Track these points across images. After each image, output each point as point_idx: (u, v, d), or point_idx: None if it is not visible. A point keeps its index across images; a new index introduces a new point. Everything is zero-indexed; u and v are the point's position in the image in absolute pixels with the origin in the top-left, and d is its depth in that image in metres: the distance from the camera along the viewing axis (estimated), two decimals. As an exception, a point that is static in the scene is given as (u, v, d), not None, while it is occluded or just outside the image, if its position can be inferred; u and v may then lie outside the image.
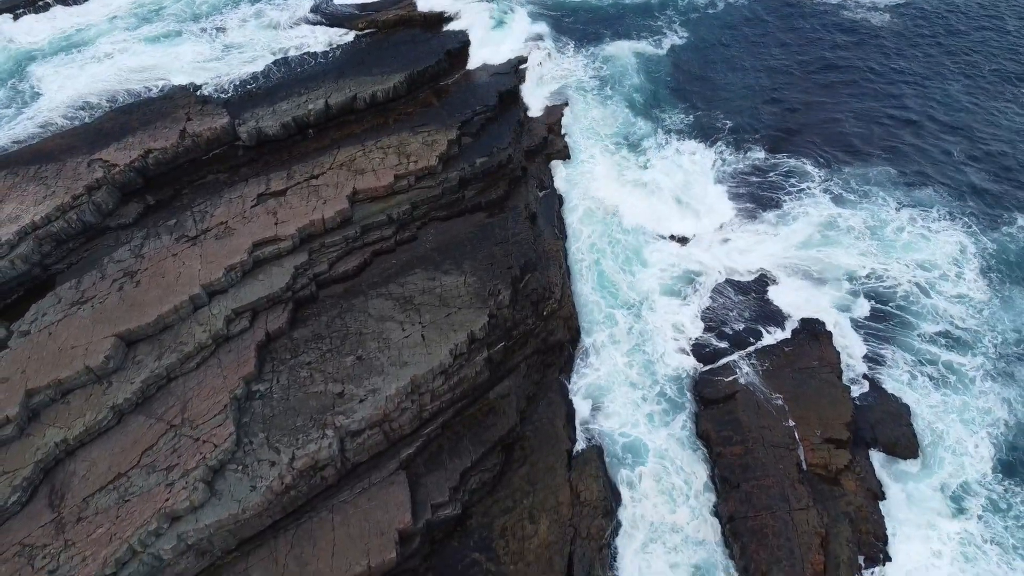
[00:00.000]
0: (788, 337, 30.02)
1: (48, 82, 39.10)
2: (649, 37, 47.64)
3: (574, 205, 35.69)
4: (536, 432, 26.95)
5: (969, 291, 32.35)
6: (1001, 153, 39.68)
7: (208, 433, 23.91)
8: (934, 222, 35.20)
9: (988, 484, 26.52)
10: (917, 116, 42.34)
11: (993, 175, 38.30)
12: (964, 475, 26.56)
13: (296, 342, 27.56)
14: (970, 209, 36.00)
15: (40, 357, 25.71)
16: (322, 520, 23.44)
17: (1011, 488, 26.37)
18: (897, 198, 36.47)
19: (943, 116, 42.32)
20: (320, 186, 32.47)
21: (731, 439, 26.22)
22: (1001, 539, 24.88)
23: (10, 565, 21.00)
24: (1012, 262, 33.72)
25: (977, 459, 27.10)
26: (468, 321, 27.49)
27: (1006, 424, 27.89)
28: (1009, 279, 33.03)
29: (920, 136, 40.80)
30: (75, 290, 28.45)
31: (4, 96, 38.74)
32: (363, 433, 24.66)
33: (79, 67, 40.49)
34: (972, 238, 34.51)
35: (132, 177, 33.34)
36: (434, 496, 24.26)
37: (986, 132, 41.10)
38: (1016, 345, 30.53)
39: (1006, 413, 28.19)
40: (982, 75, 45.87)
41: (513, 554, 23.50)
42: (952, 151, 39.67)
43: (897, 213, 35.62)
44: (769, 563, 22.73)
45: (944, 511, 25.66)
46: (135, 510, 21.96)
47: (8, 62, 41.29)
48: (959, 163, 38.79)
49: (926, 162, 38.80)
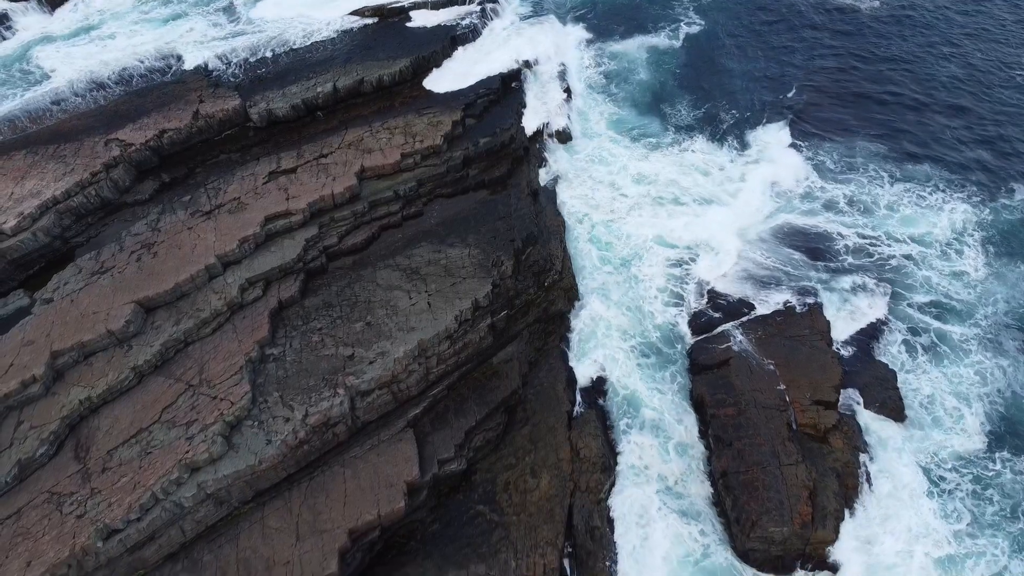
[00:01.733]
0: (780, 308, 31.12)
1: (60, 61, 40.31)
2: (660, 28, 48.69)
3: (574, 184, 36.82)
4: (538, 395, 28.11)
5: (963, 263, 33.58)
6: (995, 133, 41.02)
7: (225, 392, 25.08)
8: (929, 194, 36.45)
9: (973, 451, 27.59)
10: (915, 97, 43.62)
11: (987, 153, 39.64)
12: (950, 442, 27.65)
13: (307, 310, 28.73)
14: (964, 184, 37.34)
15: (63, 322, 26.89)
16: (334, 474, 24.61)
17: (995, 456, 27.42)
18: (890, 172, 37.69)
19: (941, 97, 43.68)
20: (329, 164, 33.64)
21: (724, 401, 27.36)
22: (979, 507, 25.92)
23: (40, 511, 22.19)
24: (1006, 236, 34.94)
25: (964, 426, 28.19)
26: (472, 290, 28.66)
27: (996, 393, 28.97)
28: (1003, 252, 34.19)
29: (918, 115, 42.15)
30: (95, 261, 29.62)
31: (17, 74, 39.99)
32: (372, 393, 25.83)
33: (95, 45, 41.76)
34: (966, 212, 35.74)
35: (147, 156, 34.52)
36: (440, 452, 25.43)
37: (982, 113, 42.40)
38: (1008, 316, 31.66)
39: (996, 382, 29.29)
40: (977, 58, 47.14)
41: (516, 506, 24.66)
42: (947, 130, 40.97)
43: (891, 187, 36.81)
44: (759, 513, 23.87)
45: (927, 475, 26.75)
46: (157, 461, 23.13)
47: (21, 48, 42.56)
48: (954, 141, 40.09)
49: (921, 139, 40.09)
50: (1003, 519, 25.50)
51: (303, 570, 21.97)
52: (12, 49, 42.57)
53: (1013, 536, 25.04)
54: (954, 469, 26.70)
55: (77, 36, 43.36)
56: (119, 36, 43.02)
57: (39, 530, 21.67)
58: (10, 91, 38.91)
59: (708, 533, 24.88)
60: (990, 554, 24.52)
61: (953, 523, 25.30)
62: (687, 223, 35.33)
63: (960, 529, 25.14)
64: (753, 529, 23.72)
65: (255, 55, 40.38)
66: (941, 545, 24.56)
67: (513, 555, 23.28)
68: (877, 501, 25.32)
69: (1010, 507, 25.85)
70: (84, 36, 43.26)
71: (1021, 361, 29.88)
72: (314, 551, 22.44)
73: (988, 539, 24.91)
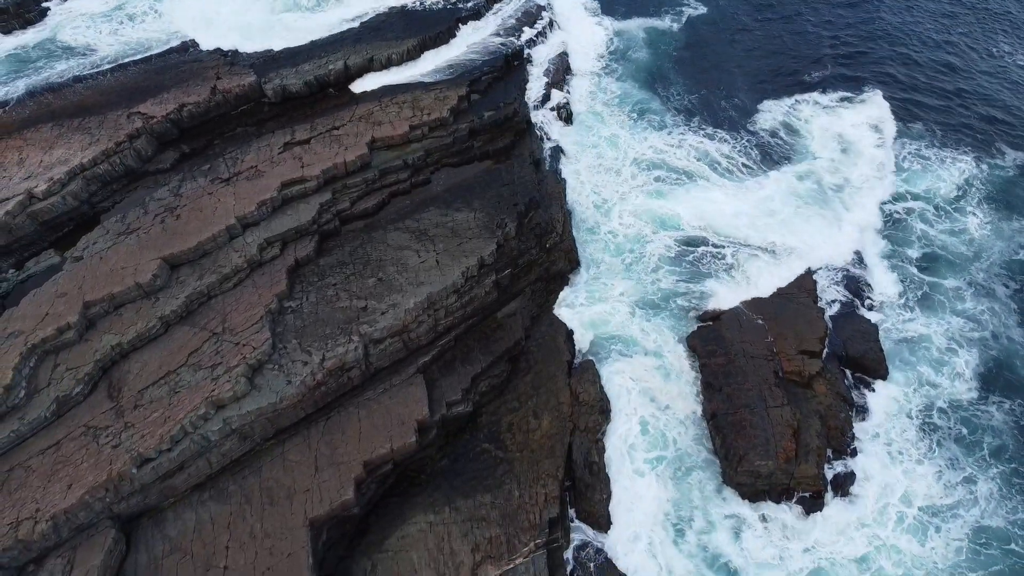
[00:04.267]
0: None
1: (92, 38, 42.25)
2: (664, 12, 50.54)
3: (574, 155, 38.61)
4: (540, 347, 29.81)
5: (960, 219, 35.42)
6: (991, 95, 43.19)
7: (247, 339, 26.79)
8: (926, 149, 38.37)
9: (958, 397, 29.28)
10: (912, 67, 45.83)
11: (983, 113, 41.77)
12: (937, 390, 29.39)
13: (322, 267, 30.45)
14: (962, 143, 39.35)
15: (94, 276, 28.61)
16: (349, 414, 26.32)
17: (987, 398, 29.17)
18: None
19: (936, 62, 45.76)
20: (341, 135, 35.35)
21: (715, 352, 29.06)
22: (962, 453, 27.67)
23: (78, 442, 23.90)
24: (1002, 192, 36.91)
25: (953, 375, 29.96)
26: (478, 248, 30.37)
27: (985, 342, 30.73)
28: (1000, 208, 36.21)
29: (914, 79, 44.40)
30: (121, 223, 31.34)
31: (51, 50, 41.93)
32: (384, 341, 27.54)
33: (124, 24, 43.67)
34: (964, 170, 37.89)
35: (168, 128, 36.25)
36: (448, 396, 27.15)
37: (977, 77, 44.47)
38: (1003, 268, 33.53)
39: (987, 332, 31.04)
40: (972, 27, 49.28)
41: (519, 444, 26.37)
42: (944, 92, 43.00)
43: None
44: (746, 449, 25.56)
45: (912, 421, 28.48)
46: (185, 399, 24.84)
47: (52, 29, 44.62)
48: (950, 104, 42.08)
49: (918, 102, 42.02)
50: (990, 459, 27.14)
51: (322, 497, 23.66)
52: (47, 27, 44.49)
53: (1001, 475, 26.66)
54: (942, 412, 28.43)
55: (108, 15, 45.28)
56: (148, 17, 44.89)
57: (78, 458, 23.39)
58: (45, 65, 40.80)
59: (700, 467, 26.59)
60: (977, 493, 26.18)
61: (941, 463, 26.96)
62: (686, 198, 37.03)
63: (946, 470, 26.80)
64: (741, 464, 25.40)
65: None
66: (930, 487, 26.20)
67: (517, 486, 24.97)
68: (863, 443, 27.10)
69: (996, 447, 27.49)
70: (114, 15, 45.15)
71: (1012, 307, 31.69)
72: (332, 480, 24.14)
73: (976, 480, 26.53)
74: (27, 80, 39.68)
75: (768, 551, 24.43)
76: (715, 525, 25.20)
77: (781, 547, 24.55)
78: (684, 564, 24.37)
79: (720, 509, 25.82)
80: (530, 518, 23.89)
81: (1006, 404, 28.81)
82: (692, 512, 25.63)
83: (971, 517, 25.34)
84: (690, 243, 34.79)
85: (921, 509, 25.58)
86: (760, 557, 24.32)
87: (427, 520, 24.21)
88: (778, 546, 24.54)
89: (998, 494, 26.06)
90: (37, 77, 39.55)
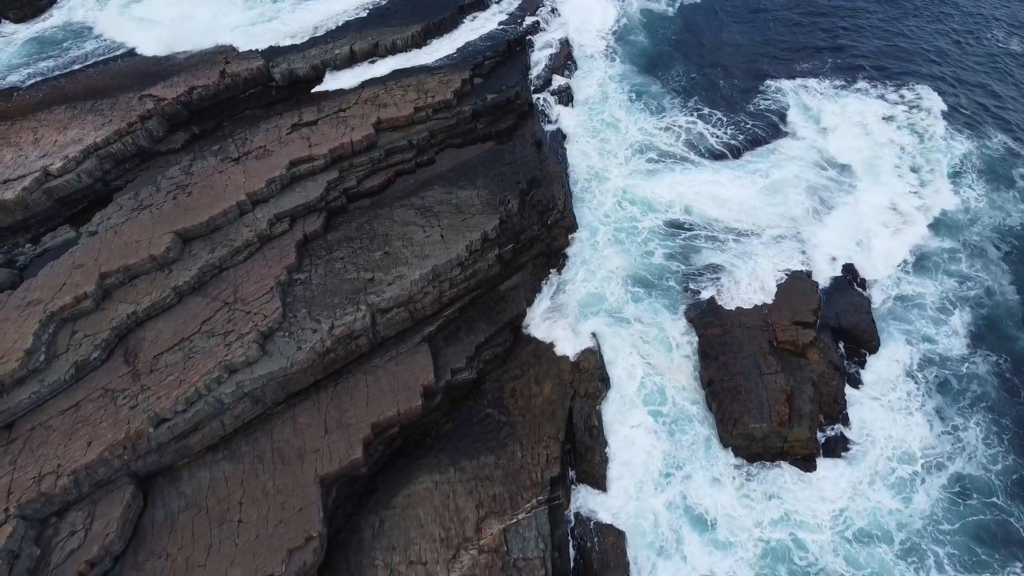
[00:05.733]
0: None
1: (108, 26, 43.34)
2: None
3: (574, 137, 39.55)
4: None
5: (952, 192, 36.59)
6: (982, 78, 44.41)
7: (258, 308, 27.68)
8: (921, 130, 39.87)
9: (950, 353, 30.49)
10: (908, 54, 46.94)
11: (973, 98, 42.82)
12: (932, 345, 30.64)
13: (330, 242, 31.34)
14: (955, 122, 40.37)
15: (109, 249, 29.52)
16: (357, 380, 27.22)
17: (975, 350, 30.50)
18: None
19: (927, 51, 46.87)
20: (348, 117, 36.24)
21: (712, 323, 29.95)
22: (948, 404, 28.74)
23: (96, 403, 24.81)
24: (995, 165, 38.38)
25: (945, 336, 31.10)
26: (481, 224, 31.24)
27: (983, 294, 31.92)
28: (993, 180, 37.60)
29: (908, 64, 45.56)
30: (134, 199, 32.25)
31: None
32: (391, 311, 28.43)
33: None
34: (955, 145, 39.23)
35: (179, 110, 37.16)
36: (453, 363, 28.05)
37: (968, 63, 45.84)
38: (995, 232, 34.78)
39: (981, 293, 32.35)
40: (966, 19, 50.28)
41: (521, 409, 27.27)
42: (937, 78, 44.04)
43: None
44: (741, 412, 26.46)
45: (904, 378, 29.62)
46: (199, 364, 25.74)
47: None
48: (943, 88, 43.15)
49: (914, 86, 43.36)
50: (975, 411, 28.39)
51: (331, 456, 24.56)
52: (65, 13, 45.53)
53: (986, 424, 27.93)
54: (934, 365, 29.77)
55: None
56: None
57: (97, 418, 24.30)
58: (59, 52, 41.84)
59: (696, 431, 27.53)
60: (965, 441, 27.37)
61: (929, 417, 28.23)
62: (683, 178, 37.91)
63: (936, 422, 27.99)
64: (736, 426, 26.30)
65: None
66: (922, 439, 27.28)
67: (519, 447, 25.87)
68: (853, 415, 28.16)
69: (981, 399, 28.68)
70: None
71: (1005, 267, 32.86)
72: (341, 441, 25.04)
73: (962, 431, 27.76)
74: (42, 65, 40.69)
75: (755, 508, 25.40)
76: (709, 483, 26.09)
77: (765, 504, 25.52)
78: (677, 520, 25.30)
79: (714, 470, 26.74)
80: (532, 477, 24.77)
81: (993, 359, 30.05)
82: (688, 472, 26.53)
83: (955, 469, 26.35)
84: (685, 223, 35.63)
85: (909, 461, 26.59)
86: (743, 513, 25.30)
87: (433, 479, 25.10)
88: (763, 503, 25.50)
89: (984, 444, 27.13)
90: (51, 62, 40.47)
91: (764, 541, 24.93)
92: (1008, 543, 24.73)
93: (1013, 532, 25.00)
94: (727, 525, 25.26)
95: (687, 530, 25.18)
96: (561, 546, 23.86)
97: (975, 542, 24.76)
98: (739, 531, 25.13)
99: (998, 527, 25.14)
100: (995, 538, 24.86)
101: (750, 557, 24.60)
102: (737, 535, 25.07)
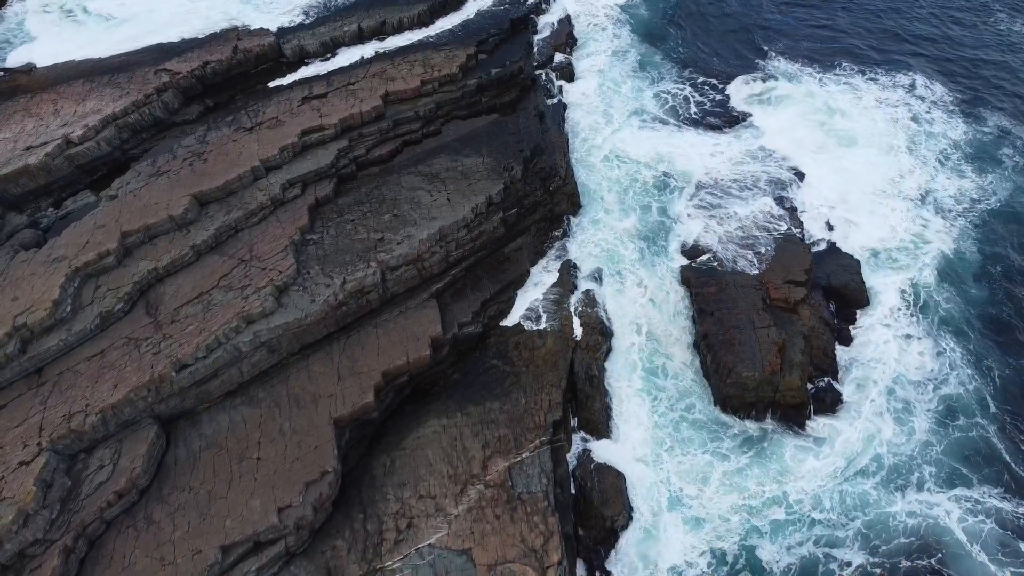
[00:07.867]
0: (760, 206, 35.03)
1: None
2: None
3: (576, 109, 40.88)
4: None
5: (943, 170, 38.16)
6: (976, 61, 45.62)
7: (273, 264, 28.94)
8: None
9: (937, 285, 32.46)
10: (891, 30, 48.52)
11: (968, 81, 44.11)
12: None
13: (341, 206, 32.59)
14: (950, 107, 41.74)
15: (129, 211, 30.79)
16: (368, 332, 28.47)
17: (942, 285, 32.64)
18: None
19: (923, 31, 48.20)
20: (356, 90, 37.49)
21: (708, 282, 31.18)
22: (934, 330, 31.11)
23: (121, 351, 26.08)
24: (986, 149, 39.65)
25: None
26: (486, 188, 32.49)
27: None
28: (986, 162, 38.75)
29: (900, 44, 47.16)
30: (152, 166, 33.51)
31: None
32: (400, 268, 29.68)
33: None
34: (950, 125, 40.62)
35: (193, 83, 38.44)
36: (460, 317, 29.30)
37: (963, 49, 47.15)
38: (985, 201, 36.74)
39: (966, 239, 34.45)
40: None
41: (525, 360, 28.50)
42: (931, 62, 45.34)
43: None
44: (735, 362, 27.68)
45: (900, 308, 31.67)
46: (218, 314, 26.99)
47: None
48: (934, 72, 44.20)
49: (909, 64, 44.48)
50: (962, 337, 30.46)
51: (344, 400, 25.80)
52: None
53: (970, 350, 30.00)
54: (929, 294, 32.06)
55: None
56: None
57: (122, 363, 25.56)
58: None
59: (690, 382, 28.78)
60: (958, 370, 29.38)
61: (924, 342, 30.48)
62: (679, 146, 39.16)
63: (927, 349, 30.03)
64: (729, 376, 27.52)
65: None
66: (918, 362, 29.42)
67: (523, 394, 27.10)
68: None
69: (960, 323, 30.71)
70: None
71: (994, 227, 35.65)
72: (353, 387, 26.28)
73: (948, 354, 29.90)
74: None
75: (752, 450, 26.65)
76: (701, 433, 27.38)
77: (760, 448, 26.79)
78: (675, 466, 26.57)
79: (704, 415, 28.04)
80: (535, 420, 26.01)
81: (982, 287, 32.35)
82: (680, 421, 27.80)
83: (944, 391, 28.57)
84: (678, 181, 37.06)
85: (903, 387, 28.75)
86: (740, 460, 26.58)
87: (441, 423, 26.34)
88: (754, 458, 26.80)
89: (971, 367, 29.26)
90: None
91: (762, 492, 26.18)
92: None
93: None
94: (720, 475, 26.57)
95: (682, 480, 26.45)
96: (563, 483, 25.10)
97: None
98: (732, 481, 26.38)
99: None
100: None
101: (741, 503, 25.88)
102: (731, 481, 26.33)
